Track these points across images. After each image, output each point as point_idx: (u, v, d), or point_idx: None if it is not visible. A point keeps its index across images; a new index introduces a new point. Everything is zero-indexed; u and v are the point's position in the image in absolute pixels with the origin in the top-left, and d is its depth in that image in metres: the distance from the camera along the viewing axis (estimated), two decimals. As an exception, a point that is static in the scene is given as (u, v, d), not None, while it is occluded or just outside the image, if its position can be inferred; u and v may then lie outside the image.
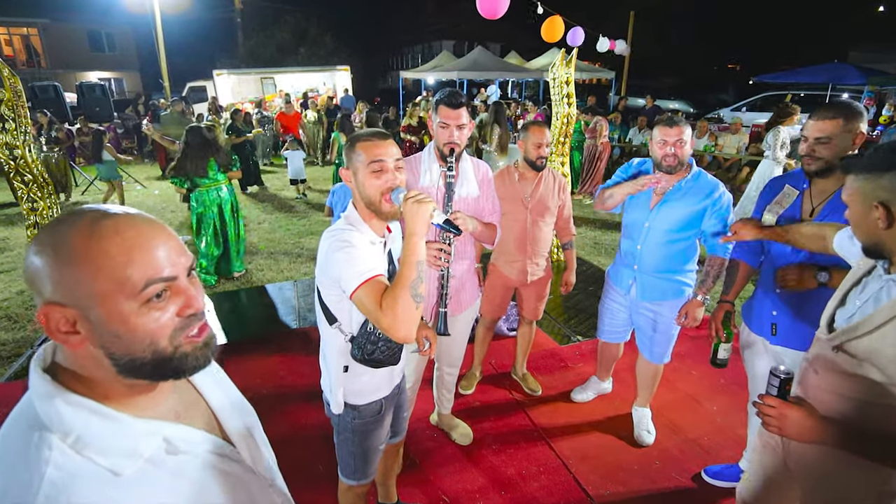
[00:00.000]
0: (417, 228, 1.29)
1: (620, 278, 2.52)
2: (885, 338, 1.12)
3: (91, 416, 0.65)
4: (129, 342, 0.65)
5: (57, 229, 0.64)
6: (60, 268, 0.62)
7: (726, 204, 2.21)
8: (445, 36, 29.73)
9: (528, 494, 2.31)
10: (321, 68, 16.95)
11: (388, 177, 1.40)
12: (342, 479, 1.73)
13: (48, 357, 0.70)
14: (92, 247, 0.62)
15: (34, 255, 0.63)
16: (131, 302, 0.64)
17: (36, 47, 23.54)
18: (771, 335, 1.97)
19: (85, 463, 0.62)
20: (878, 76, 11.40)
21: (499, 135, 5.80)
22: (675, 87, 20.96)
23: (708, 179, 2.25)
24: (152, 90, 21.52)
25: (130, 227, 0.65)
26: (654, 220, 2.30)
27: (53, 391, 0.64)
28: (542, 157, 2.55)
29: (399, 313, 1.22)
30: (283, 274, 5.03)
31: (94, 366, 0.66)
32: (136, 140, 12.37)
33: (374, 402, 1.61)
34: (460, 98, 1.92)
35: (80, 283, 0.62)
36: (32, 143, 3.66)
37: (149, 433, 0.68)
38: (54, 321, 0.63)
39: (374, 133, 1.45)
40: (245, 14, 23.47)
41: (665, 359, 2.54)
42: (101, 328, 0.64)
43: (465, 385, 3.03)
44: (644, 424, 2.68)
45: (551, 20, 7.20)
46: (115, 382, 0.68)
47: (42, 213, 3.65)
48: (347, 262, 1.34)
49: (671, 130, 2.15)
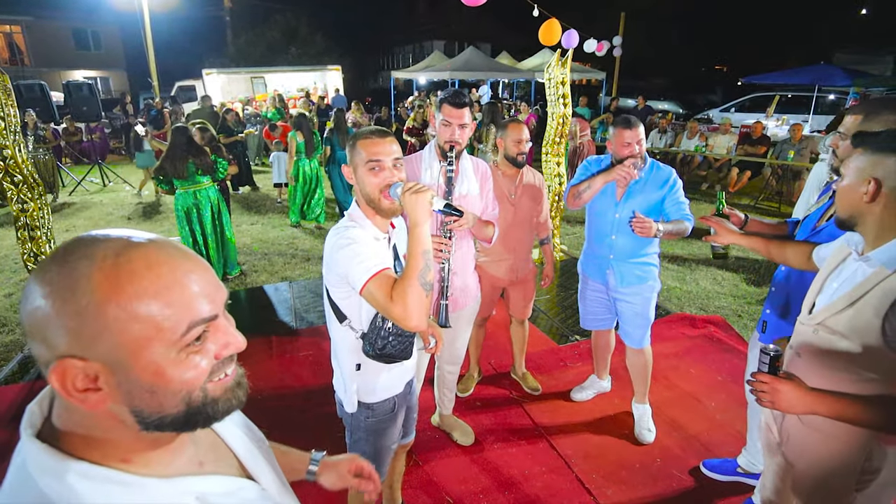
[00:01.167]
0: (420, 218, 1.31)
1: (595, 270, 2.63)
2: (860, 311, 1.23)
3: (113, 489, 0.55)
4: (163, 397, 0.55)
5: (70, 266, 0.51)
6: (80, 314, 0.50)
7: (679, 187, 2.42)
8: (437, 36, 29.73)
9: (532, 494, 2.32)
10: (312, 68, 16.85)
11: (385, 174, 1.43)
12: None
13: (38, 418, 0.58)
14: (121, 287, 0.51)
15: (41, 298, 0.51)
16: (170, 350, 0.54)
17: (19, 45, 23.10)
18: (761, 332, 2.06)
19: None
20: (864, 78, 11.61)
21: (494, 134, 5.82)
22: (665, 88, 21.16)
23: (661, 168, 2.44)
24: (140, 89, 21.23)
25: (164, 259, 0.55)
26: (622, 210, 2.43)
27: (62, 465, 0.54)
28: (522, 153, 2.60)
29: (409, 303, 1.25)
30: (278, 275, 4.99)
31: (111, 425, 0.56)
32: (125, 140, 12.20)
33: (388, 400, 1.62)
34: (464, 98, 1.98)
35: (106, 331, 0.51)
36: (22, 142, 3.59)
37: (180, 493, 0.60)
38: (71, 378, 0.51)
39: (375, 131, 1.47)
40: (234, 12, 23.28)
41: (644, 342, 2.61)
42: (131, 383, 0.54)
43: (463, 388, 2.99)
44: (644, 423, 2.70)
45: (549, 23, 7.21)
46: (137, 441, 0.58)
47: (32, 214, 3.58)
48: (354, 257, 1.35)
49: (631, 133, 2.31)
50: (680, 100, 17.79)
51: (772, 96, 13.04)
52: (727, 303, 4.33)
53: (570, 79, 4.90)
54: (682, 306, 4.22)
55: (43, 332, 0.52)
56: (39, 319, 0.51)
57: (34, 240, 3.60)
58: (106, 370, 0.52)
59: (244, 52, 23.94)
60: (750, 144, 8.34)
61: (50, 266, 0.52)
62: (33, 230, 3.58)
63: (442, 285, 1.95)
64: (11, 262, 5.25)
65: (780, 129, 11.32)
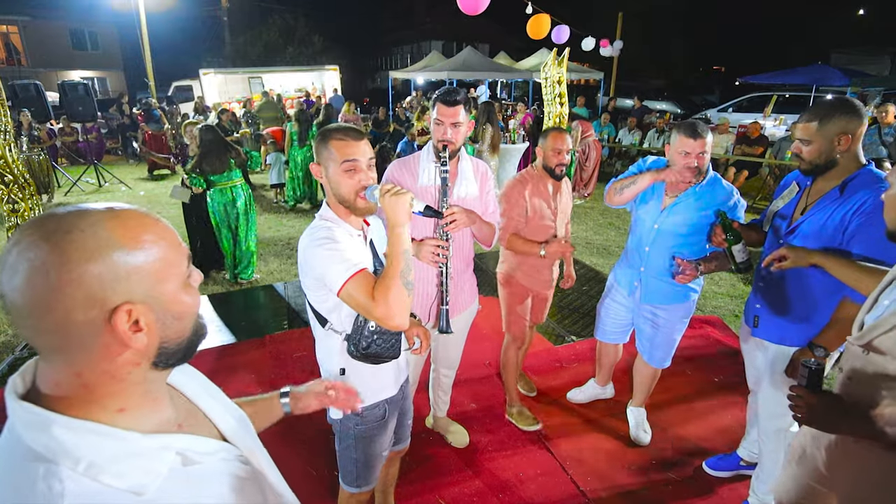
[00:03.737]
0: (399, 219, 1.30)
1: (624, 279, 2.48)
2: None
3: (97, 439, 0.60)
4: (185, 321, 0.67)
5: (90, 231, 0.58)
6: (123, 264, 0.59)
7: (740, 211, 2.17)
8: (435, 36, 29.71)
9: (526, 497, 2.29)
10: (310, 68, 16.81)
11: (361, 177, 1.39)
12: (343, 486, 1.69)
13: (23, 384, 0.63)
14: (140, 236, 0.61)
15: (84, 263, 0.56)
16: (179, 281, 0.66)
17: (16, 45, 23.02)
18: (753, 326, 2.04)
19: (103, 489, 0.58)
20: (861, 77, 11.62)
21: (491, 134, 5.79)
22: (663, 88, 21.17)
23: (723, 185, 2.18)
24: (137, 89, 21.14)
25: (147, 213, 0.66)
26: (663, 221, 2.23)
27: (47, 418, 0.59)
28: (563, 164, 2.40)
29: (392, 302, 1.23)
30: (274, 275, 4.96)
31: (123, 373, 0.63)
32: (121, 140, 12.15)
33: (378, 406, 1.57)
34: (457, 96, 1.92)
35: (140, 272, 0.60)
36: (13, 143, 3.55)
37: (161, 448, 0.65)
38: (128, 320, 0.60)
39: (348, 130, 1.41)
40: (232, 12, 23.20)
41: (665, 363, 2.51)
42: (165, 313, 0.64)
43: (526, 423, 2.71)
44: (640, 424, 2.67)
45: (537, 17, 7.23)
46: (133, 392, 0.65)
47: (23, 214, 3.55)
48: (330, 258, 1.32)
49: (694, 143, 2.05)
50: (678, 100, 17.78)
51: (769, 96, 13.03)
52: (724, 303, 4.31)
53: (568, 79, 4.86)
54: (679, 307, 4.20)
55: (98, 293, 0.57)
56: (93, 279, 0.57)
57: (25, 240, 3.56)
58: (146, 308, 0.61)
59: (241, 52, 23.90)
60: (747, 144, 8.33)
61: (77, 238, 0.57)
62: (24, 231, 3.55)
63: (441, 290, 1.91)
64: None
65: (777, 129, 11.32)
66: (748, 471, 2.33)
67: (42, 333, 0.59)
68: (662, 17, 24.38)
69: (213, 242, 4.86)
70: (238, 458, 0.77)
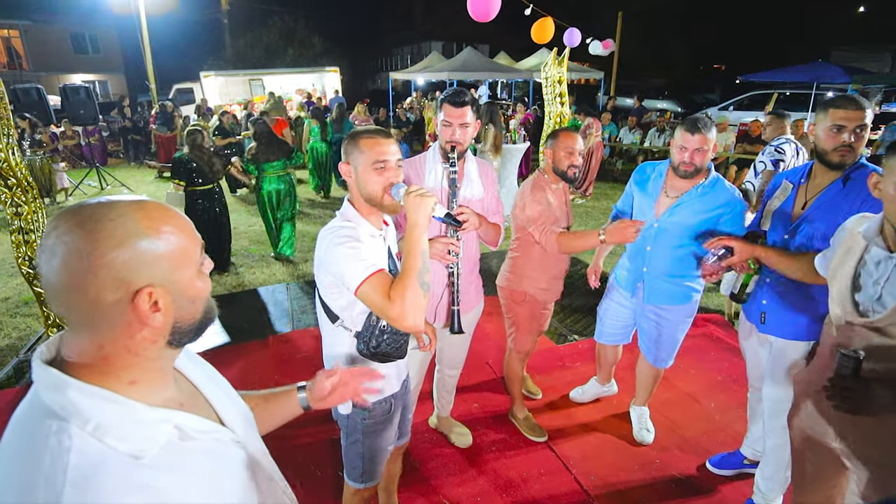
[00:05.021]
0: (420, 220, 1.33)
1: (627, 280, 2.46)
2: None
3: (106, 404, 0.66)
4: (198, 304, 0.74)
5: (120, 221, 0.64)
6: (147, 251, 0.65)
7: (740, 212, 2.15)
8: (435, 37, 29.69)
9: (530, 497, 2.29)
10: (310, 69, 16.82)
11: (390, 174, 1.43)
12: (348, 482, 1.70)
13: (49, 353, 0.71)
14: (160, 226, 0.67)
15: (114, 249, 0.63)
16: (193, 268, 0.72)
17: (17, 49, 23.07)
18: (760, 323, 2.03)
19: (106, 449, 0.63)
20: (862, 75, 11.59)
21: (493, 134, 5.80)
22: (663, 87, 21.15)
23: (725, 186, 2.15)
24: (138, 92, 21.18)
25: (165, 206, 0.71)
26: (664, 221, 2.21)
27: (65, 381, 0.65)
28: (575, 165, 2.27)
29: (408, 303, 1.26)
30: (276, 277, 4.97)
31: (141, 348, 0.69)
32: (122, 143, 12.18)
33: (385, 400, 1.60)
34: (464, 97, 1.94)
35: (162, 258, 0.67)
36: (16, 146, 3.56)
37: (161, 420, 0.70)
38: (149, 301, 0.66)
39: (378, 131, 1.47)
40: (232, 15, 23.20)
41: (668, 363, 2.51)
42: (181, 296, 0.70)
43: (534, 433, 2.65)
44: (643, 423, 2.67)
45: (542, 22, 7.21)
46: (146, 366, 0.71)
47: (26, 217, 3.55)
48: (351, 256, 1.34)
49: (692, 138, 2.03)
50: (678, 98, 17.77)
51: (770, 94, 13.01)
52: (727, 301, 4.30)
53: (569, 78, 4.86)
54: (682, 305, 4.20)
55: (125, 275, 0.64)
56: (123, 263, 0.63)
57: (29, 244, 3.57)
58: (164, 290, 0.68)
59: (242, 54, 23.90)
60: (748, 143, 8.32)
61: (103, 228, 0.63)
62: (28, 234, 3.56)
63: (452, 290, 1.93)
64: (8, 266, 5.23)
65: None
66: (752, 469, 2.33)
67: (73, 309, 0.66)
68: (662, 16, 24.36)
69: (215, 244, 4.89)
70: (233, 440, 0.81)
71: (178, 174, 4.67)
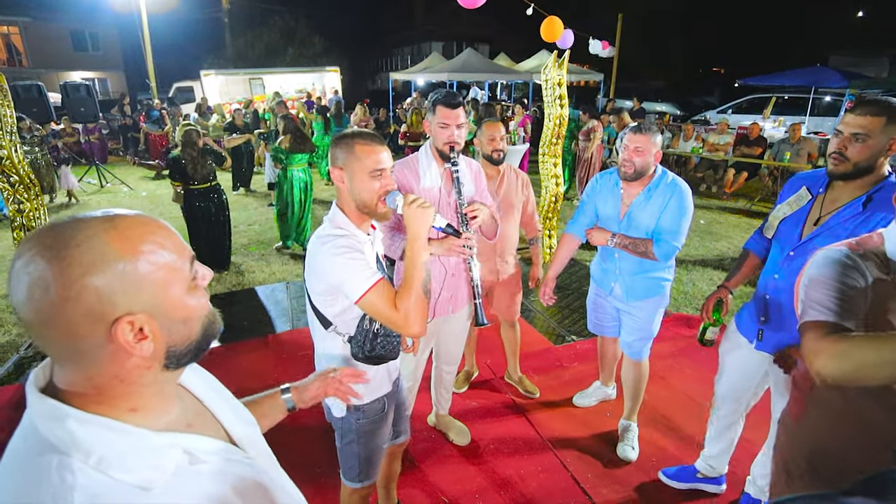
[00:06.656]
0: (421, 232, 1.35)
1: (602, 280, 2.53)
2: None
3: (109, 434, 0.61)
4: (192, 324, 0.67)
5: (86, 245, 0.58)
6: (120, 278, 0.59)
7: (679, 210, 2.20)
8: (435, 37, 29.73)
9: (527, 494, 2.32)
10: (310, 69, 16.84)
11: (386, 181, 1.42)
12: (345, 482, 1.72)
13: (43, 378, 0.65)
14: (139, 246, 0.61)
15: (81, 278, 0.57)
16: (184, 285, 0.66)
17: (17, 46, 23.05)
18: (757, 340, 1.96)
19: (113, 483, 0.59)
20: (860, 79, 11.65)
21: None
22: (662, 90, 21.23)
23: (672, 184, 2.23)
24: (138, 90, 21.18)
25: (149, 220, 0.65)
26: (624, 227, 2.32)
27: (63, 411, 0.60)
28: (498, 149, 2.60)
29: (413, 311, 1.31)
30: (276, 276, 4.99)
31: (134, 376, 0.64)
32: (122, 141, 12.18)
33: (377, 400, 1.62)
34: (457, 98, 1.99)
35: (143, 282, 0.60)
36: (18, 143, 3.58)
37: (169, 446, 0.66)
38: (131, 331, 0.60)
39: (373, 137, 1.44)
40: (232, 14, 23.21)
41: (643, 355, 2.50)
42: (169, 320, 0.64)
43: (457, 385, 2.94)
44: (629, 440, 2.58)
45: (550, 20, 7.27)
46: (143, 393, 0.66)
47: (28, 214, 3.57)
48: (352, 267, 1.34)
49: (634, 137, 2.18)
50: (677, 101, 17.83)
51: (768, 98, 13.08)
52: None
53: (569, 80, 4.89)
54: (679, 307, 4.24)
55: (97, 308, 0.58)
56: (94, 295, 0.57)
57: (30, 240, 3.60)
58: (149, 317, 0.61)
59: (242, 53, 23.94)
60: (746, 146, 8.36)
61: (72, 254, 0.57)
62: (30, 231, 3.58)
63: (472, 284, 1.95)
64: (9, 263, 5.23)
65: (776, 131, 11.36)
66: (703, 484, 2.31)
67: (51, 343, 0.60)
68: (662, 18, 24.45)
69: (216, 243, 4.91)
70: (244, 459, 0.77)
71: (174, 174, 4.67)
